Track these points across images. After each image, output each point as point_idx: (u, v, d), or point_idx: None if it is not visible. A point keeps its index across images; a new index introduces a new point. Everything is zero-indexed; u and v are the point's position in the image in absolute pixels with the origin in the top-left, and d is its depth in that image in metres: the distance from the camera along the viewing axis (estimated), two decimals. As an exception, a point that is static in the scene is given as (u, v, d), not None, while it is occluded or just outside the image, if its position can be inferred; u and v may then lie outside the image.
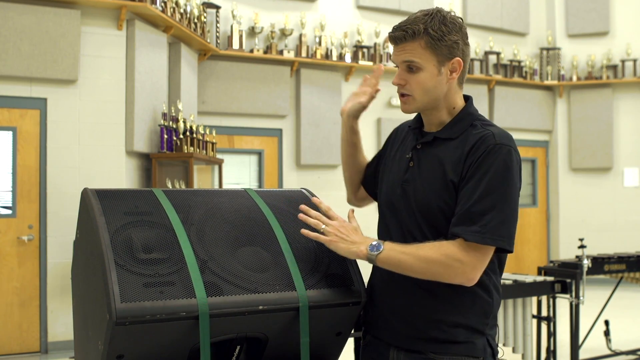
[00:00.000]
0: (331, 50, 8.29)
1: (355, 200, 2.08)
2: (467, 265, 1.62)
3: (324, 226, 1.73)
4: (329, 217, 1.77)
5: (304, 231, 1.73)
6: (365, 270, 1.85)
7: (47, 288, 5.70)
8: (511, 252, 1.67)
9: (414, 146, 1.80)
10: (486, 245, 1.62)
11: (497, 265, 1.76)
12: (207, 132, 6.74)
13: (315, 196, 2.00)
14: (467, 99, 1.83)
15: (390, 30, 1.75)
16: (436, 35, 1.68)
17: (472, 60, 9.41)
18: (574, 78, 9.86)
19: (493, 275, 1.75)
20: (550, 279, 4.30)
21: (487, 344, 1.76)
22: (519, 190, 1.69)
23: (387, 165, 1.89)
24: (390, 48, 1.86)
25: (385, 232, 1.82)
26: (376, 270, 1.84)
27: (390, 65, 8.45)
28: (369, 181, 2.00)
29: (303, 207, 1.79)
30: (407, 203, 1.75)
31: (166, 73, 6.70)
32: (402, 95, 1.76)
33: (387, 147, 1.95)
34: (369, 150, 2.03)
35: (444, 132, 1.76)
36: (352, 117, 1.97)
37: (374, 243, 1.69)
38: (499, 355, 1.89)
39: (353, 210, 1.83)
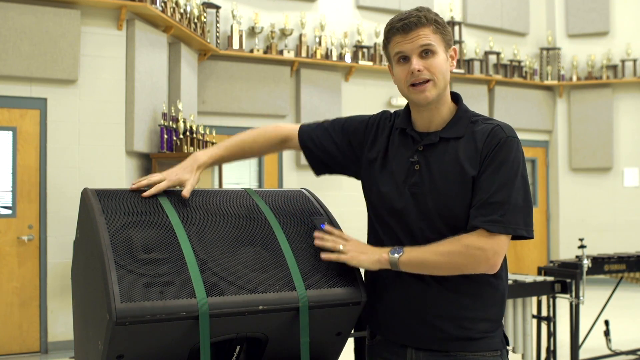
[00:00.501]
0: (331, 50, 8.29)
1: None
2: (488, 252, 1.65)
3: (341, 246, 1.76)
4: (343, 239, 1.79)
5: (324, 256, 1.74)
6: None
7: (47, 288, 5.70)
8: (532, 238, 1.71)
9: (415, 149, 1.77)
10: (508, 234, 1.67)
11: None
12: (207, 132, 6.74)
13: (315, 196, 2.00)
14: (458, 97, 1.83)
15: (396, 22, 1.73)
16: (441, 22, 1.75)
17: (472, 60, 9.41)
18: (574, 78, 9.86)
19: (504, 265, 1.78)
20: (550, 279, 4.30)
21: (503, 335, 1.79)
22: (528, 179, 1.76)
23: (375, 167, 1.83)
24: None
25: (390, 237, 1.78)
26: (383, 270, 1.80)
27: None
28: (314, 153, 1.92)
29: (317, 234, 1.79)
30: (421, 207, 1.72)
31: (166, 73, 6.70)
32: (421, 83, 1.71)
33: (364, 138, 1.87)
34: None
35: (448, 132, 1.75)
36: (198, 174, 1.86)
37: (393, 247, 1.72)
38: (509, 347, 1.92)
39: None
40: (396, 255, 1.69)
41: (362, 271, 1.81)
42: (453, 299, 1.72)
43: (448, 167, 1.71)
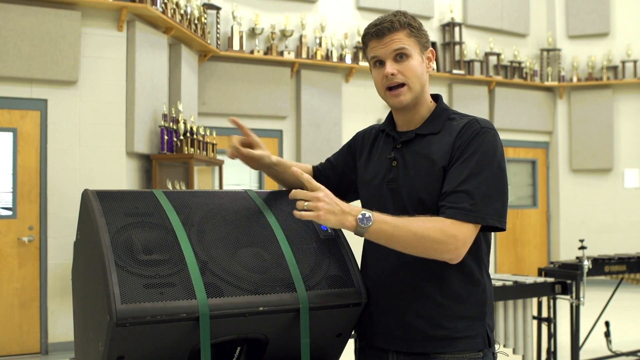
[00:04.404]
0: (331, 52, 8.29)
1: None
2: (459, 241, 1.63)
3: (306, 203, 1.61)
4: (311, 189, 1.63)
5: (296, 213, 1.63)
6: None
7: (47, 289, 5.70)
8: (503, 229, 1.70)
9: (394, 146, 1.82)
10: (477, 224, 1.65)
11: (485, 248, 1.79)
12: (208, 133, 6.74)
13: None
14: (438, 96, 1.88)
15: (371, 27, 1.79)
16: (416, 25, 1.78)
17: (472, 61, 9.41)
18: (574, 79, 9.86)
19: (485, 259, 1.78)
20: (550, 280, 4.29)
21: (486, 335, 1.77)
22: (506, 172, 1.73)
23: (363, 171, 1.90)
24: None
25: None
26: (365, 272, 1.83)
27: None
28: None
29: (291, 194, 1.68)
30: (397, 201, 1.76)
31: (166, 74, 6.70)
32: (395, 87, 1.77)
33: (354, 157, 1.97)
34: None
35: (424, 129, 1.80)
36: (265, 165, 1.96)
37: (363, 214, 1.60)
38: (497, 348, 1.89)
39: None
40: (364, 226, 1.60)
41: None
42: (431, 297, 1.72)
43: (421, 161, 1.75)
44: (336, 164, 2.01)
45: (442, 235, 1.62)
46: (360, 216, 1.60)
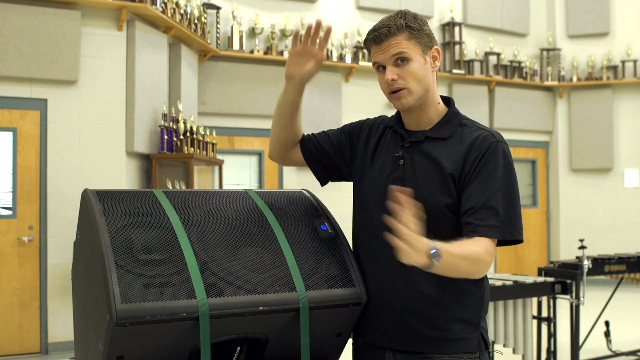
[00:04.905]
0: (331, 51, 8.29)
1: (281, 160, 2.02)
2: (492, 258, 1.66)
3: (406, 236, 1.48)
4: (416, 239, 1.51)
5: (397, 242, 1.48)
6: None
7: (47, 289, 5.70)
8: (522, 241, 1.72)
9: (402, 145, 1.81)
10: (505, 239, 1.68)
11: None
12: (208, 132, 6.74)
13: (316, 197, 2.00)
14: (449, 100, 1.87)
15: (370, 32, 1.79)
16: (415, 26, 1.76)
17: (472, 60, 9.41)
18: (574, 79, 9.86)
19: None
20: (550, 279, 4.29)
21: (481, 338, 1.78)
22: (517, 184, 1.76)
23: (365, 163, 1.88)
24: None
25: (371, 229, 1.80)
26: (363, 271, 1.82)
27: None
28: (316, 158, 1.97)
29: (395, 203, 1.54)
30: None
31: (166, 74, 6.70)
32: (396, 91, 1.76)
33: (353, 143, 1.94)
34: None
35: (435, 132, 1.79)
36: (303, 82, 1.94)
37: (433, 251, 1.50)
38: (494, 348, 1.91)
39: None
40: (436, 262, 1.50)
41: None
42: (429, 298, 1.73)
43: (429, 164, 1.75)
44: (334, 141, 1.97)
45: (489, 257, 1.64)
46: (433, 254, 1.50)
